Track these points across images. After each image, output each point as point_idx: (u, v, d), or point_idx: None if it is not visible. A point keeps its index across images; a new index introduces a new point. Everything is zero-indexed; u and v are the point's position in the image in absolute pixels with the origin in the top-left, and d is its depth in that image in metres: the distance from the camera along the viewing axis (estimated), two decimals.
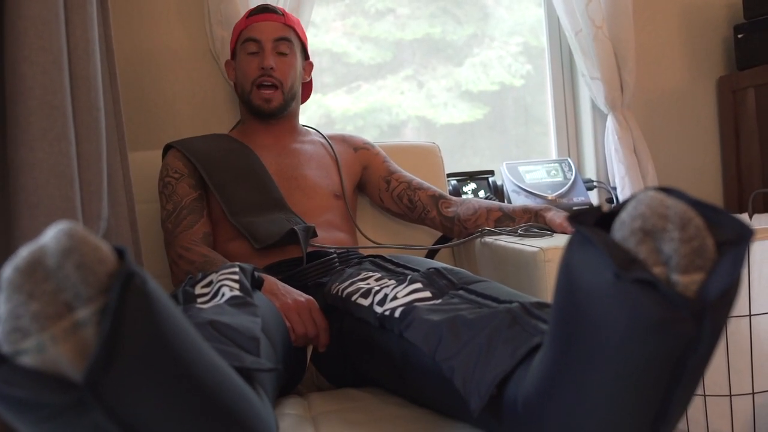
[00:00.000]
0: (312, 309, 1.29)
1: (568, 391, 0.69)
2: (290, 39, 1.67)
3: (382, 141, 1.95)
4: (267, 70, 1.62)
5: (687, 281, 0.59)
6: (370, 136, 2.37)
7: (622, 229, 0.61)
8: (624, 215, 0.61)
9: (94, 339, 0.57)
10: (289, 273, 1.43)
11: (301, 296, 1.31)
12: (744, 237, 0.59)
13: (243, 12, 1.94)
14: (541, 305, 0.91)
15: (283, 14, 1.68)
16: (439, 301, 1.02)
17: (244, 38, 1.67)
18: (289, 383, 1.26)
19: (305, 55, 1.76)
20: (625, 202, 0.62)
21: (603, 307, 0.61)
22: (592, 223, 0.64)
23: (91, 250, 0.57)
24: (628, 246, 0.60)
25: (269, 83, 1.63)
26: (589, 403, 0.67)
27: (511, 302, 0.94)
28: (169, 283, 1.55)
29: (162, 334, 0.60)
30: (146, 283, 0.59)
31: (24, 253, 0.56)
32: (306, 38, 1.75)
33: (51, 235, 0.57)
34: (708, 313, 0.59)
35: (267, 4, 1.70)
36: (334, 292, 1.25)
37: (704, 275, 0.59)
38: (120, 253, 0.60)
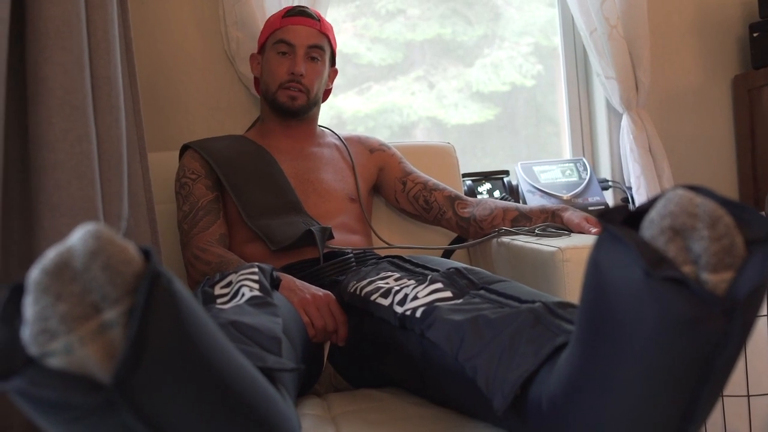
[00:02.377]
0: (330, 302, 1.29)
1: (594, 389, 0.68)
2: (323, 47, 1.66)
3: (396, 141, 1.95)
4: (297, 76, 1.62)
5: (717, 280, 0.59)
6: (380, 136, 2.36)
7: (651, 228, 0.61)
8: (653, 214, 0.61)
9: (121, 340, 0.57)
10: (305, 273, 1.43)
11: (319, 291, 1.31)
12: None
13: (258, 14, 1.94)
14: (564, 305, 0.91)
15: (319, 20, 1.67)
16: (460, 300, 1.01)
17: (277, 38, 1.65)
18: (306, 383, 1.26)
19: (332, 62, 1.75)
20: (654, 200, 0.62)
21: (632, 305, 0.61)
22: (620, 221, 0.64)
23: (117, 251, 0.57)
24: (658, 244, 0.60)
25: (296, 89, 1.63)
26: (615, 402, 0.67)
27: (533, 302, 0.93)
28: (186, 285, 1.54)
29: (188, 334, 0.60)
30: (172, 283, 0.59)
31: (51, 254, 0.56)
32: (336, 44, 1.74)
33: (78, 237, 0.57)
34: (738, 312, 0.59)
35: (304, 8, 1.69)
36: (351, 290, 1.25)
37: (734, 273, 0.59)
38: (146, 253, 0.60)
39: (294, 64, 1.62)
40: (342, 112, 2.37)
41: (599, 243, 0.64)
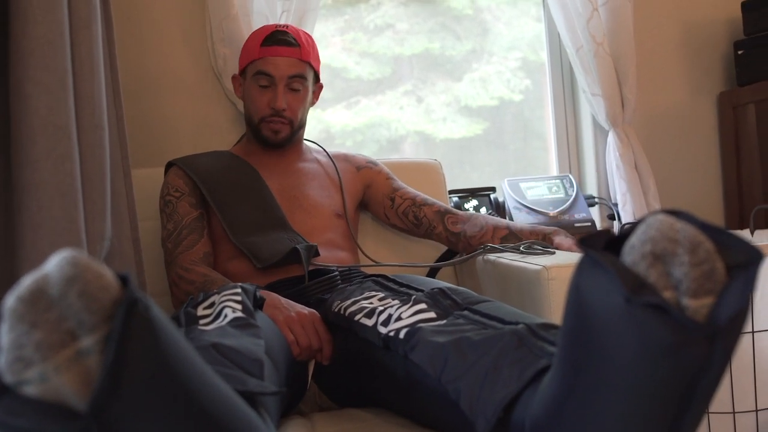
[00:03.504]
0: (315, 321, 1.29)
1: (577, 414, 0.68)
2: (305, 75, 1.63)
3: (384, 158, 1.95)
4: (278, 110, 1.60)
5: (697, 305, 0.59)
6: (369, 151, 2.37)
7: (632, 253, 0.61)
8: (634, 239, 0.61)
9: (98, 367, 0.56)
10: (290, 291, 1.42)
11: (304, 309, 1.31)
12: (754, 260, 0.59)
13: (245, 30, 1.94)
14: (548, 326, 0.91)
15: (299, 45, 1.62)
16: (444, 321, 1.01)
17: (257, 69, 1.61)
18: (290, 402, 1.25)
19: (317, 78, 1.72)
20: (635, 225, 0.62)
21: (613, 330, 0.61)
22: (601, 246, 0.64)
23: (94, 277, 0.56)
24: (639, 270, 0.60)
25: (279, 122, 1.61)
26: (598, 425, 0.66)
27: (516, 323, 0.93)
28: (170, 302, 1.53)
29: (166, 361, 0.60)
30: (150, 309, 0.58)
31: (27, 282, 0.56)
32: (319, 62, 1.70)
33: (54, 264, 0.56)
34: (719, 337, 0.59)
35: (284, 33, 1.63)
36: (335, 309, 1.25)
37: (714, 299, 0.59)
38: (123, 279, 0.59)
39: (275, 99, 1.59)
40: (330, 126, 2.37)
41: (580, 268, 0.64)
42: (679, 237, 0.59)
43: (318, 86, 1.74)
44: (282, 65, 1.60)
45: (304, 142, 1.77)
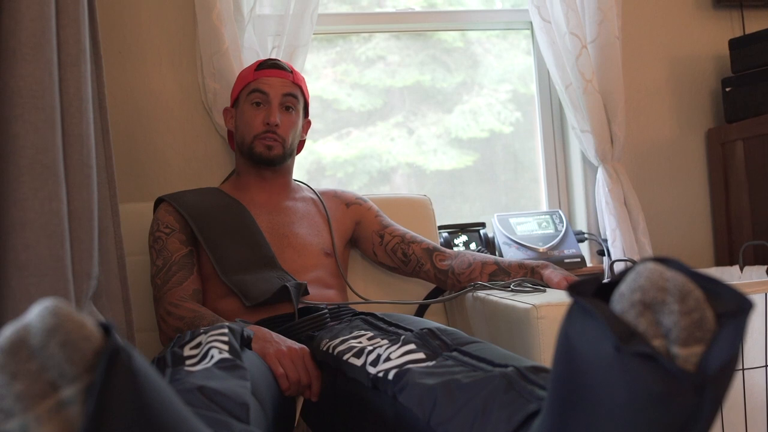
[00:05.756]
0: (305, 356, 1.28)
1: None
2: (297, 96, 1.67)
3: (373, 193, 1.95)
4: (272, 126, 1.62)
5: (687, 354, 0.59)
6: (359, 182, 2.37)
7: (621, 302, 0.61)
8: (623, 287, 0.61)
9: (79, 418, 0.56)
10: (280, 328, 1.41)
11: (295, 344, 1.30)
12: (743, 308, 0.59)
13: (236, 65, 1.95)
14: (538, 370, 0.90)
15: (291, 72, 1.68)
16: (433, 363, 1.01)
17: (251, 89, 1.65)
18: None
19: (306, 113, 1.75)
20: (624, 273, 0.62)
21: (603, 379, 0.61)
22: (590, 293, 0.64)
23: (76, 327, 0.56)
24: (628, 318, 0.60)
25: (272, 139, 1.62)
26: None
27: (506, 366, 0.93)
28: (159, 338, 1.52)
29: (148, 411, 0.59)
30: (132, 359, 0.58)
31: (7, 332, 0.56)
32: (309, 96, 1.75)
33: (35, 314, 0.56)
34: (708, 386, 0.59)
35: (276, 60, 1.70)
36: (324, 348, 1.24)
37: (704, 347, 0.59)
38: (106, 329, 0.59)
39: (269, 114, 1.62)
40: (321, 157, 2.37)
41: (570, 315, 0.64)
42: (669, 286, 0.59)
43: (306, 122, 1.76)
44: (276, 84, 1.65)
45: (293, 181, 1.77)
